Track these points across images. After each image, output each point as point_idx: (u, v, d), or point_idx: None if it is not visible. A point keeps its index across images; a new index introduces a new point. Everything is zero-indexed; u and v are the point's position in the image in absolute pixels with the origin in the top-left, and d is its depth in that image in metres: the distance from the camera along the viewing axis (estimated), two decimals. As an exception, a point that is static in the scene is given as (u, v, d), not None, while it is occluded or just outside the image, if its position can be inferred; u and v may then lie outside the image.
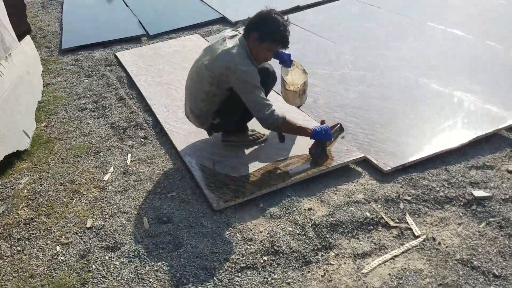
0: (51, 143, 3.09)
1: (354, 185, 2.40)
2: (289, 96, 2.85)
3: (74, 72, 4.25)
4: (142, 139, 3.03)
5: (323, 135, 2.49)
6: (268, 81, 2.61)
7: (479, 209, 2.15)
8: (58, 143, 3.09)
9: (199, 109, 2.57)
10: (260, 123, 2.45)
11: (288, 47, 2.51)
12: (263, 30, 2.39)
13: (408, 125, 2.80)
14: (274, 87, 2.82)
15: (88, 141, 3.06)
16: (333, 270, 1.93)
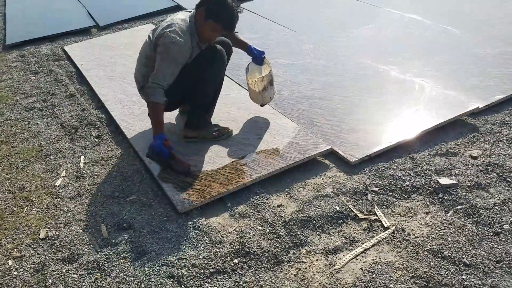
0: (-3, 147, 2.85)
1: (322, 178, 2.35)
2: (250, 92, 2.79)
3: (20, 69, 3.96)
4: (95, 139, 2.85)
5: (154, 152, 2.31)
6: (216, 57, 2.47)
7: (445, 197, 2.15)
8: (5, 146, 2.85)
9: (142, 74, 2.56)
10: (143, 90, 2.47)
11: (233, 32, 2.50)
12: (209, 7, 2.35)
13: (371, 114, 2.77)
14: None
15: (37, 143, 2.84)
16: (306, 268, 1.87)
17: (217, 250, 1.96)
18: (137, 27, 4.55)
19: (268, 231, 2.04)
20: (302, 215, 2.10)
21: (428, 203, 2.14)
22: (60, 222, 2.19)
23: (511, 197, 2.10)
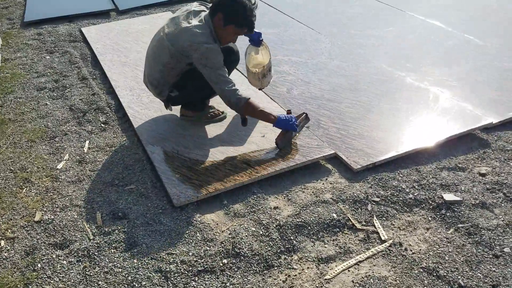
0: (5, 125, 2.87)
1: (322, 183, 2.30)
2: (249, 76, 2.81)
3: (35, 47, 3.98)
4: (102, 124, 2.85)
5: (287, 124, 2.41)
6: (229, 60, 2.51)
7: (448, 214, 2.08)
8: (12, 125, 2.87)
9: (157, 79, 2.53)
10: (223, 100, 2.40)
11: (253, 32, 2.48)
12: (228, 12, 2.31)
13: (380, 121, 2.70)
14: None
15: (44, 124, 2.86)
16: (295, 275, 1.84)
17: (208, 248, 1.94)
18: (155, 14, 4.52)
19: (261, 233, 2.01)
20: (297, 220, 2.06)
21: (429, 219, 2.08)
22: (56, 206, 2.19)
23: (516, 219, 2.02)
